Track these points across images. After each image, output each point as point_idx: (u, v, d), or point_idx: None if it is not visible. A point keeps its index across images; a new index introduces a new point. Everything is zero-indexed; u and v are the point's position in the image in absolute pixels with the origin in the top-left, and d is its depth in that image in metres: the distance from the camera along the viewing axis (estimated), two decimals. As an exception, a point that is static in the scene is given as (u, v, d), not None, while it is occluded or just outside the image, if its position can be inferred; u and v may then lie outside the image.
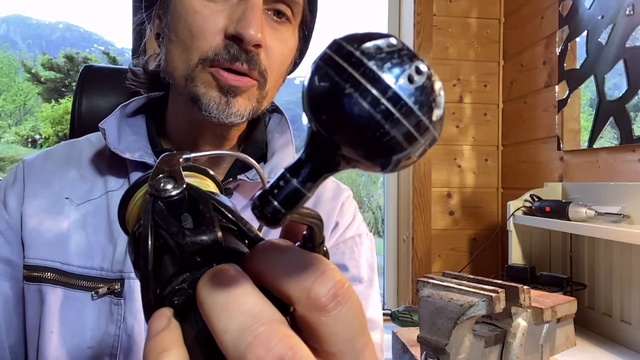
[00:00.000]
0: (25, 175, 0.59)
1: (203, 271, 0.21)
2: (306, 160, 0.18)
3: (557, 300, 0.71)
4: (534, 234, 1.34)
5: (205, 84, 0.52)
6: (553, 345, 0.70)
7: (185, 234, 0.22)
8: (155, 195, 0.23)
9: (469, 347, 0.61)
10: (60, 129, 8.54)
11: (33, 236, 0.55)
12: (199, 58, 0.52)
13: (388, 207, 1.83)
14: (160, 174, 0.24)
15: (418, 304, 0.66)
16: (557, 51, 1.41)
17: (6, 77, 10.07)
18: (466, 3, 1.73)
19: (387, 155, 0.16)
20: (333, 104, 0.16)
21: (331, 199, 0.66)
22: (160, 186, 0.24)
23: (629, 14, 1.13)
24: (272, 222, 0.18)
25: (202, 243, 0.22)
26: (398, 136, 0.16)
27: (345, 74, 0.16)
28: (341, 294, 0.20)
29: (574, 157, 1.35)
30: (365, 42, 0.16)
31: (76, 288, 0.53)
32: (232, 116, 0.52)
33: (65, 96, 8.92)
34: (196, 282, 0.21)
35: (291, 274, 0.20)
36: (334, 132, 0.16)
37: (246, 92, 0.53)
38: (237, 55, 0.51)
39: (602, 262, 1.15)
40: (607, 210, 1.08)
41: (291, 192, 0.18)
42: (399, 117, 0.15)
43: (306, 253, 0.21)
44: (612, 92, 1.20)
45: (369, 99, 0.15)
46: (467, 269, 1.68)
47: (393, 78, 0.15)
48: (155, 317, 0.21)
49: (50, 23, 20.65)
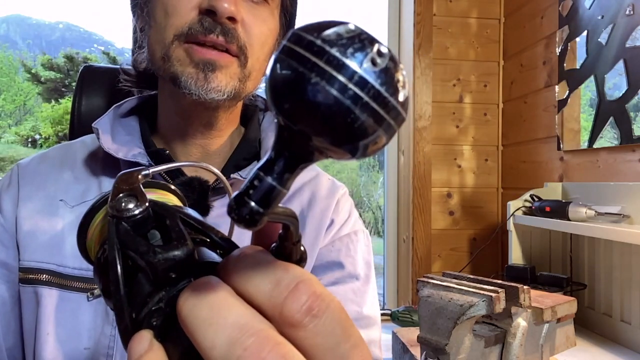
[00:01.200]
0: (20, 179, 0.59)
1: (179, 287, 0.21)
2: (277, 155, 0.18)
3: (557, 300, 0.71)
4: (534, 234, 1.34)
5: (180, 61, 0.52)
6: (553, 345, 0.70)
7: (156, 252, 0.21)
8: (117, 216, 0.22)
9: (469, 347, 0.61)
10: (60, 129, 8.53)
11: (28, 238, 0.55)
12: (173, 35, 0.52)
13: (388, 207, 1.83)
14: (120, 193, 0.23)
15: (418, 304, 0.66)
16: (557, 51, 1.41)
17: (6, 77, 10.06)
18: (466, 3, 1.73)
19: (358, 139, 0.16)
20: (299, 95, 0.16)
21: (326, 196, 0.66)
22: (121, 206, 0.22)
23: (629, 14, 1.13)
24: (251, 223, 0.18)
25: (174, 258, 0.21)
26: (368, 120, 0.16)
27: (309, 64, 0.15)
28: (316, 306, 0.19)
29: (574, 157, 1.35)
30: (324, 30, 0.16)
31: (72, 289, 0.53)
32: (212, 91, 0.52)
33: (65, 96, 8.92)
34: (174, 300, 0.20)
35: (262, 287, 0.19)
36: (303, 123, 0.16)
37: (225, 67, 0.53)
38: (210, 28, 0.51)
39: (602, 262, 1.15)
40: (607, 210, 1.08)
41: (267, 190, 0.18)
42: (367, 100, 0.15)
43: (278, 264, 0.20)
44: (612, 92, 1.20)
45: (336, 86, 0.15)
46: (467, 269, 1.68)
47: (357, 63, 0.15)
48: (134, 341, 0.20)
49: (50, 23, 20.65)
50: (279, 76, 0.16)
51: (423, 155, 1.68)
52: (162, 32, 0.53)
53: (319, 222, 0.63)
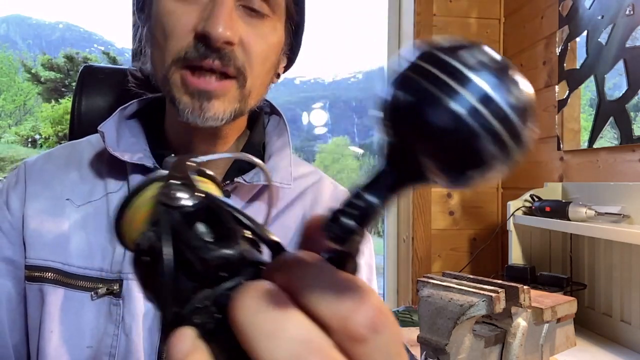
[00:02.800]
0: (27, 177, 0.60)
1: (227, 286, 0.20)
2: (383, 175, 0.17)
3: (557, 300, 0.71)
4: (534, 234, 1.34)
5: (177, 87, 0.52)
6: (553, 345, 0.70)
7: (210, 248, 0.20)
8: (169, 205, 0.21)
9: (469, 347, 0.61)
10: (60, 129, 8.54)
11: (34, 237, 0.56)
12: (172, 59, 0.52)
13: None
14: (171, 180, 0.22)
15: (418, 304, 0.66)
16: (557, 51, 1.41)
17: (6, 77, 10.07)
18: (466, 3, 1.73)
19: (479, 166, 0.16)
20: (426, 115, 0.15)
21: (329, 200, 0.66)
22: (175, 195, 0.22)
23: (629, 14, 1.13)
24: (345, 241, 0.18)
25: (228, 257, 0.20)
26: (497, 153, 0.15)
27: (441, 84, 0.15)
28: (380, 323, 0.18)
29: (574, 157, 1.35)
30: (460, 50, 0.15)
31: (76, 288, 0.54)
32: (209, 120, 0.52)
33: (65, 96, 8.92)
34: (220, 300, 0.20)
35: (327, 299, 0.18)
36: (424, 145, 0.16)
37: (222, 95, 0.52)
38: (205, 53, 0.50)
39: (602, 262, 1.15)
40: (607, 210, 1.08)
41: (367, 209, 0.17)
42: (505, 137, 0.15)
43: (341, 274, 0.19)
44: (612, 92, 1.20)
45: (467, 108, 0.15)
46: (467, 269, 1.68)
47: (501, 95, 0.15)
48: (177, 338, 0.19)
49: (50, 23, 20.54)
50: (402, 95, 0.16)
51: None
52: (162, 55, 0.53)
53: None
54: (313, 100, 3.70)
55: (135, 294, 0.53)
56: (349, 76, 4.27)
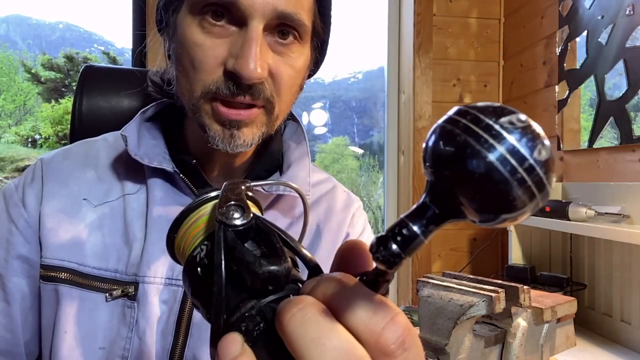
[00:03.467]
0: (44, 174, 0.59)
1: (270, 298, 0.23)
2: (426, 209, 0.20)
3: (557, 300, 0.71)
4: (534, 234, 1.34)
5: (207, 115, 0.52)
6: (553, 345, 0.70)
7: (262, 264, 0.23)
8: (225, 223, 0.24)
9: (469, 347, 0.61)
10: (61, 129, 8.52)
11: (50, 236, 0.55)
12: (201, 91, 0.51)
13: (388, 207, 1.83)
14: (227, 202, 0.25)
15: (418, 304, 0.66)
16: (557, 51, 1.41)
17: (6, 77, 10.06)
18: (466, 3, 1.73)
19: (508, 207, 0.18)
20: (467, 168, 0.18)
21: (342, 210, 0.67)
22: (230, 214, 0.25)
23: (629, 14, 1.13)
24: (390, 265, 0.20)
25: (276, 273, 0.23)
26: (524, 198, 0.18)
27: (485, 143, 0.18)
28: (408, 341, 0.20)
29: (574, 157, 1.35)
30: (502, 116, 0.19)
31: (91, 289, 0.54)
32: (238, 147, 0.53)
33: (65, 96, 8.91)
34: (265, 310, 0.22)
35: (361, 316, 0.21)
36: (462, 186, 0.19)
37: (251, 123, 0.53)
38: (236, 92, 0.50)
39: (602, 262, 1.15)
40: (607, 210, 1.08)
41: (411, 237, 0.20)
42: (530, 184, 0.18)
43: (374, 295, 0.22)
44: (612, 92, 1.20)
45: (507, 168, 0.18)
46: (467, 269, 1.68)
47: (528, 151, 0.18)
48: (227, 341, 0.21)
49: (50, 23, 20.56)
50: (447, 147, 0.19)
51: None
52: (191, 85, 0.52)
53: (335, 235, 0.64)
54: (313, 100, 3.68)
55: (150, 298, 0.53)
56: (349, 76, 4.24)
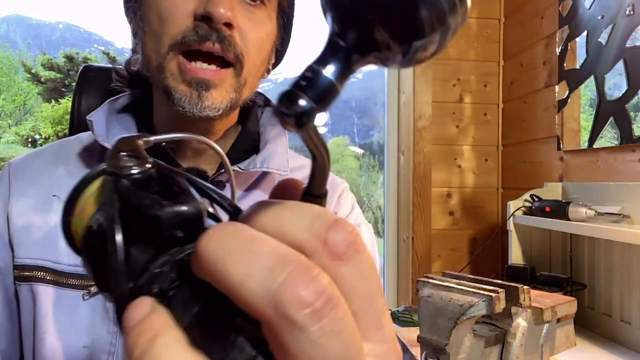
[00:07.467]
0: (11, 175, 0.58)
1: (187, 251, 0.18)
2: (333, 46, 0.17)
3: (557, 300, 0.71)
4: (534, 234, 1.34)
5: (173, 75, 0.51)
6: (553, 345, 0.70)
7: (163, 204, 0.18)
8: (117, 173, 0.20)
9: (469, 347, 0.61)
10: (60, 129, 8.54)
11: (22, 235, 0.54)
12: (168, 44, 0.51)
13: (388, 207, 1.83)
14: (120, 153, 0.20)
15: (418, 304, 0.66)
16: (557, 51, 1.41)
17: (6, 77, 10.07)
18: (466, 3, 1.73)
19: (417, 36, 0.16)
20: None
21: (328, 191, 0.66)
22: (121, 164, 0.20)
23: (629, 14, 1.13)
24: (301, 122, 0.16)
25: (184, 214, 0.18)
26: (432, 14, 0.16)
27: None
28: (357, 243, 0.17)
29: (574, 157, 1.35)
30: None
31: (67, 287, 0.53)
32: (206, 109, 0.51)
33: (65, 96, 8.93)
34: (180, 264, 0.18)
35: (301, 224, 0.17)
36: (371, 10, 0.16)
37: (220, 84, 0.52)
38: (206, 35, 0.49)
39: (602, 262, 1.15)
40: (607, 210, 1.08)
41: (322, 83, 0.16)
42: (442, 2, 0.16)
43: (311, 204, 0.18)
44: (612, 92, 1.20)
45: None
46: (467, 269, 1.68)
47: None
48: (131, 307, 0.17)
49: (50, 23, 20.48)
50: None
51: (423, 155, 1.68)
52: (157, 41, 0.52)
53: None
54: (313, 100, 3.67)
55: None
56: (348, 76, 4.26)
